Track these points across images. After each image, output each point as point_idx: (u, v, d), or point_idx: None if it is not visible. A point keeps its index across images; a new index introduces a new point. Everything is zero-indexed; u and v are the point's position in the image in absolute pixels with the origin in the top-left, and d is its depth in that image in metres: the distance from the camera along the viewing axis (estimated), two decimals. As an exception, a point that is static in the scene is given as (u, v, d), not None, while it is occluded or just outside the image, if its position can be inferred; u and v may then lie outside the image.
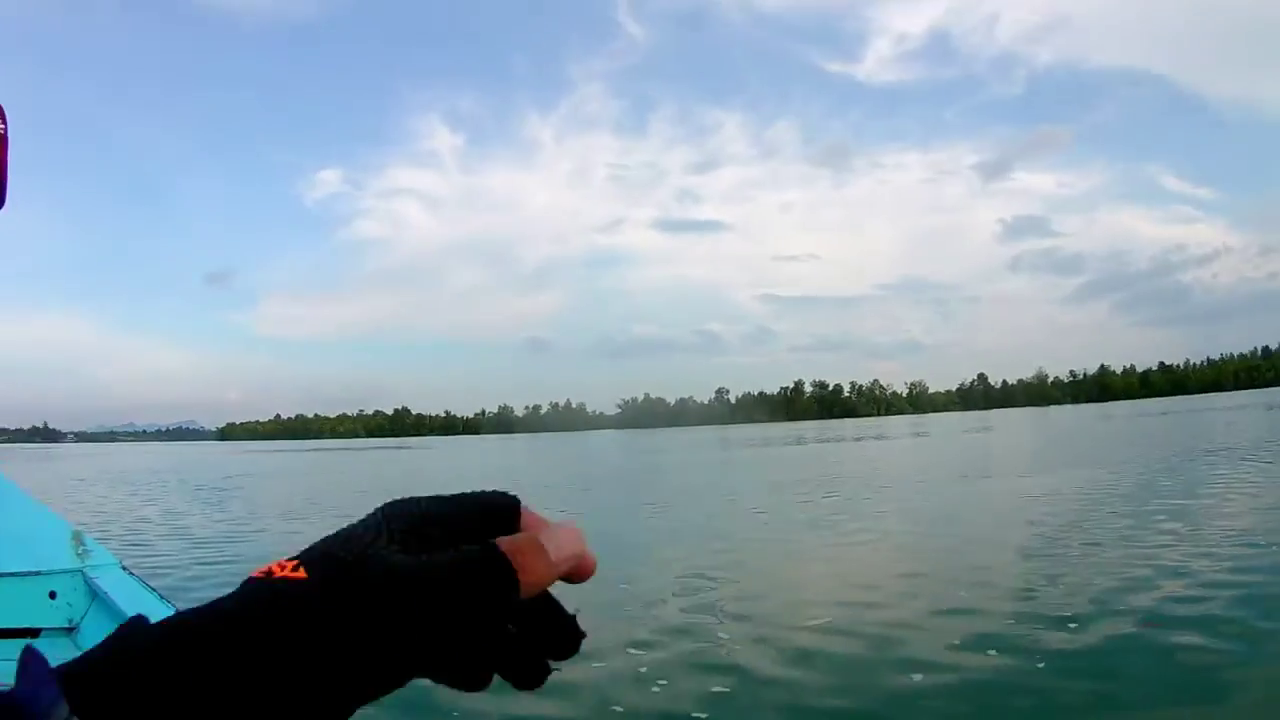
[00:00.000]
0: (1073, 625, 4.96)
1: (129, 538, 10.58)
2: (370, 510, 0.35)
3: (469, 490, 0.38)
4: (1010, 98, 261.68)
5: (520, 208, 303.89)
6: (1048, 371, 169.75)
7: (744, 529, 10.21)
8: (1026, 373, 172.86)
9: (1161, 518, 8.72)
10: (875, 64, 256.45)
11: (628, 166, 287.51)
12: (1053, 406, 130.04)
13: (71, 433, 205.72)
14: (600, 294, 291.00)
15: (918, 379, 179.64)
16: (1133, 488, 11.81)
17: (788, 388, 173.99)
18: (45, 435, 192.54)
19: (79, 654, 2.16)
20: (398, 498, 0.39)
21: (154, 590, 2.37)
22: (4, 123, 3.37)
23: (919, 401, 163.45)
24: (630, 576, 7.01)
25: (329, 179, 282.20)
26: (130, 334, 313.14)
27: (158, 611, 2.07)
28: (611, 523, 11.33)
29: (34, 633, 2.33)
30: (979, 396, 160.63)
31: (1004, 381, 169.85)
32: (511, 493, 0.41)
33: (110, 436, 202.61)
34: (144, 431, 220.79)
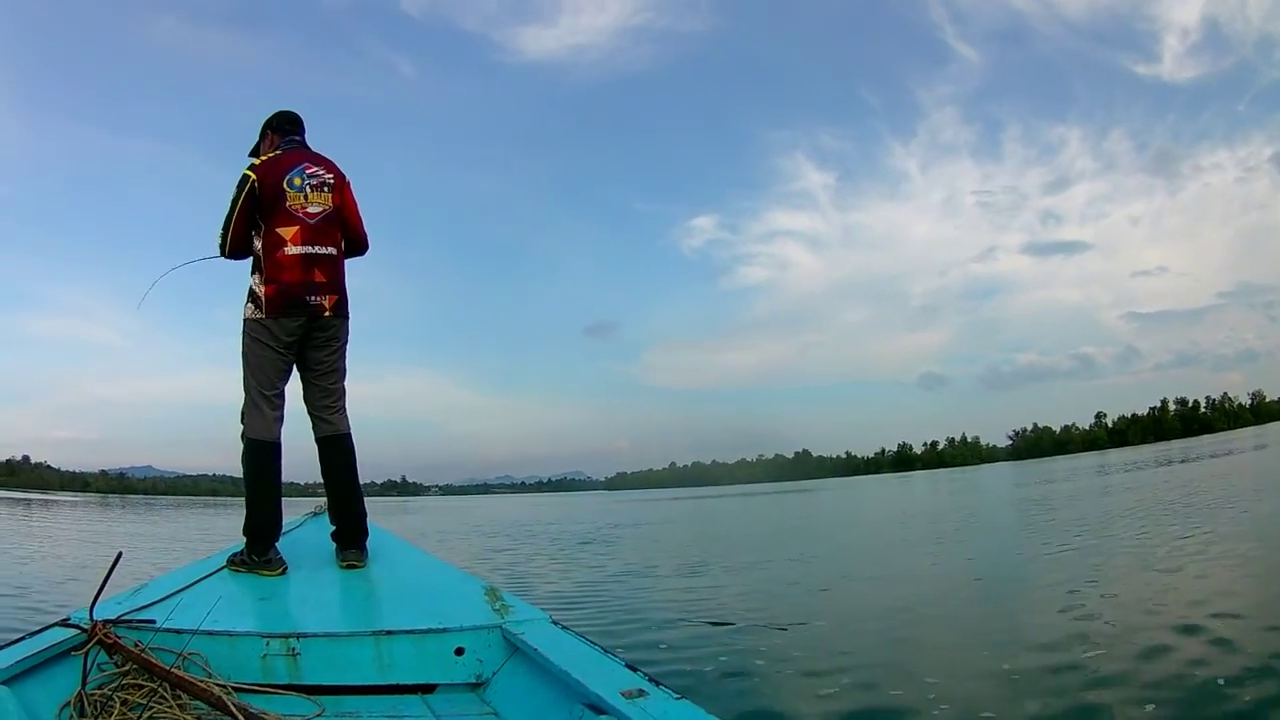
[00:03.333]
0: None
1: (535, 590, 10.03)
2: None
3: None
4: (1277, 81, 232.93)
5: (898, 241, 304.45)
6: None
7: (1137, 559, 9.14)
8: None
9: None
10: (1173, 63, 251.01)
11: (991, 192, 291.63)
12: None
13: (435, 485, 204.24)
14: (983, 325, 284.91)
15: (1257, 388, 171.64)
16: None
17: (1155, 408, 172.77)
18: (404, 489, 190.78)
19: (486, 709, 2.21)
20: None
21: (593, 644, 2.26)
22: (335, 173, 3.54)
23: (1260, 411, 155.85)
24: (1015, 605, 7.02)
25: (704, 226, 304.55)
26: (502, 391, 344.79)
27: (596, 664, 2.07)
28: (1006, 552, 11.22)
29: (429, 689, 2.33)
30: None
31: None
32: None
33: (483, 489, 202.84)
34: (522, 484, 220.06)
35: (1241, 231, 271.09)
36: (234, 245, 3.42)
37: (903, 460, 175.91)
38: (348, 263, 3.61)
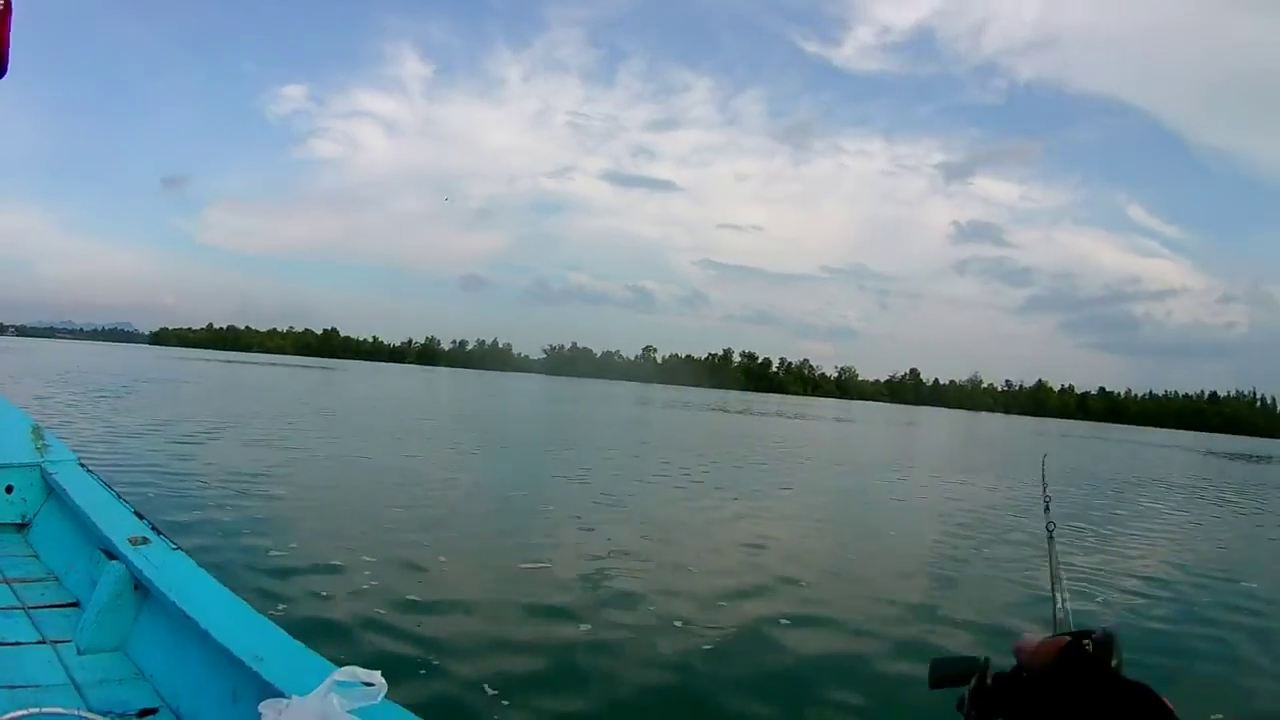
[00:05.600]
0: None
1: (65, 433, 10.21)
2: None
3: None
4: (985, 105, 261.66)
5: (475, 143, 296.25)
6: (982, 377, 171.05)
7: (654, 494, 9.99)
8: (961, 375, 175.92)
9: (1087, 537, 8.84)
10: (854, 50, 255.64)
11: (588, 116, 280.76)
12: (984, 413, 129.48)
13: (13, 326, 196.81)
14: (541, 239, 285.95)
15: (849, 364, 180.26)
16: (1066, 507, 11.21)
17: (716, 354, 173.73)
18: None
19: (28, 551, 2.46)
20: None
21: (110, 489, 2.39)
22: None
23: (847, 387, 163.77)
24: (527, 530, 7.05)
25: (294, 94, 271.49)
26: (81, 232, 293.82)
27: (112, 510, 2.20)
28: (515, 470, 11.45)
29: None
30: (909, 391, 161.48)
31: (936, 380, 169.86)
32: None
33: (49, 333, 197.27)
34: (81, 330, 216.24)
35: (874, 219, 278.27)
36: None
37: (428, 354, 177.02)
38: None
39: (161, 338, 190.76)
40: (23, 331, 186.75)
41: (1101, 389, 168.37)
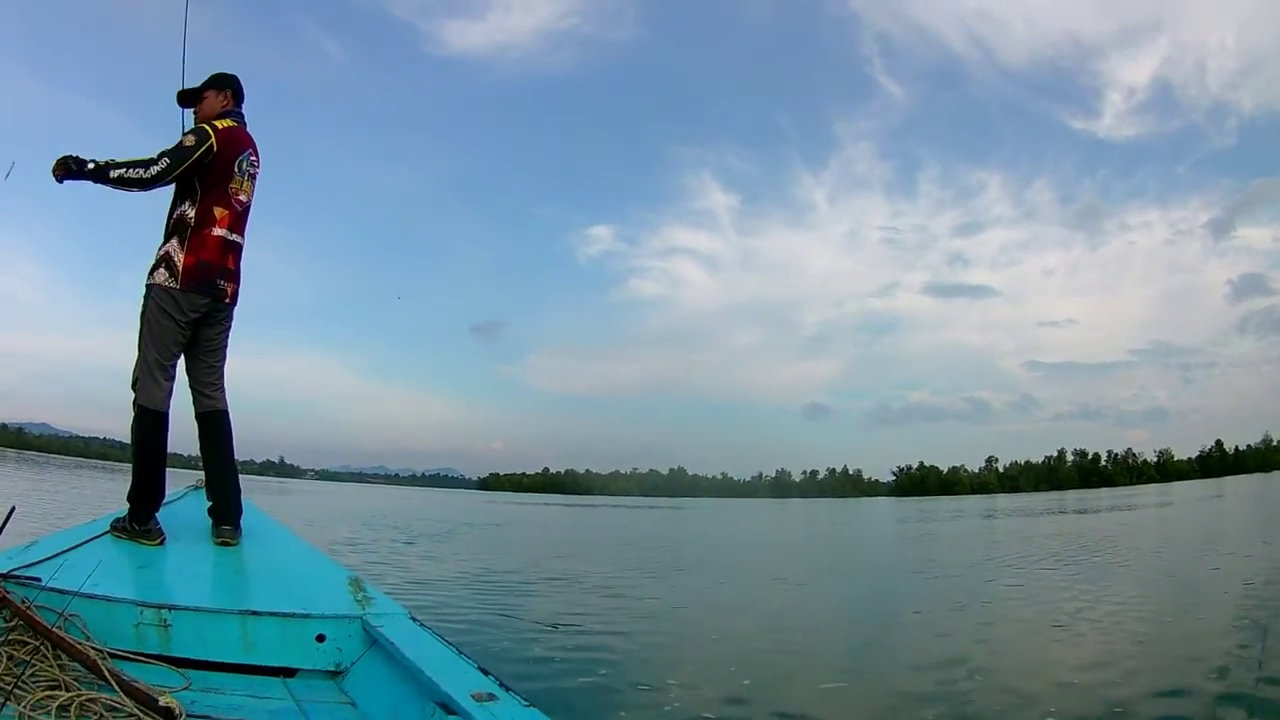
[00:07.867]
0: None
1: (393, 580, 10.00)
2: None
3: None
4: (1226, 149, 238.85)
5: (796, 270, 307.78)
6: (1273, 436, 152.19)
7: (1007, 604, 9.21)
8: (1255, 437, 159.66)
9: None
10: (1112, 119, 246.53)
11: (899, 230, 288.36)
12: (1275, 473, 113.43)
13: (311, 469, 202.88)
14: (876, 360, 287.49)
15: (1164, 446, 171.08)
16: None
17: (1051, 457, 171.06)
18: (282, 470, 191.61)
19: (343, 698, 2.33)
20: None
21: (447, 642, 2.32)
22: (258, 161, 3.61)
23: (1167, 469, 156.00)
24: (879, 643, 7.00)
25: (601, 235, 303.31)
26: (386, 380, 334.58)
27: (450, 664, 2.13)
28: (872, 587, 11.45)
29: (290, 673, 2.41)
30: (1216, 464, 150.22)
31: (1237, 448, 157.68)
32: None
33: (357, 477, 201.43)
34: (396, 475, 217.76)
35: (1164, 292, 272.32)
36: (168, 182, 3.36)
37: (780, 486, 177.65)
38: None
39: (491, 484, 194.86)
40: (323, 475, 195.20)
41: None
